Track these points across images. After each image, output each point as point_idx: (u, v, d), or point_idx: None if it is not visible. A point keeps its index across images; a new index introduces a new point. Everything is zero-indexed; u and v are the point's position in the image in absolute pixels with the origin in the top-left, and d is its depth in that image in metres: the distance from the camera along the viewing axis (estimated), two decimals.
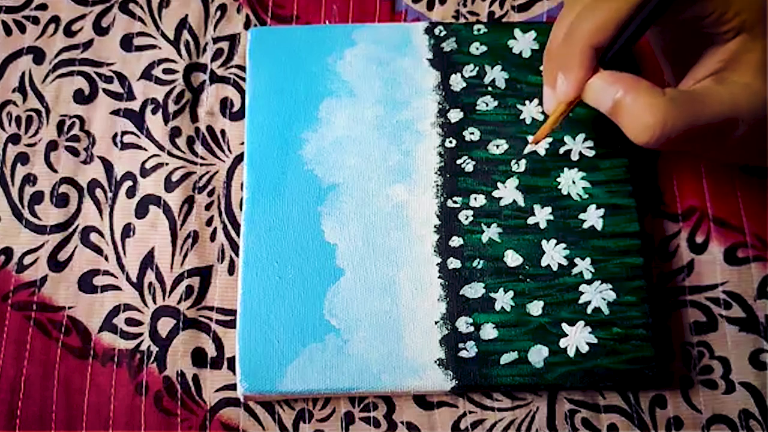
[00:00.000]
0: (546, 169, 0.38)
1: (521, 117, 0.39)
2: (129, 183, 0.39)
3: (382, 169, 0.38)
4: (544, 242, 0.37)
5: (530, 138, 0.38)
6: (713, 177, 0.39)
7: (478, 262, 0.36)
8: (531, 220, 0.37)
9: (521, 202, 0.37)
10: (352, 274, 0.36)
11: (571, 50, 0.33)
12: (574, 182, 0.38)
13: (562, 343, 0.35)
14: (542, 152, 0.38)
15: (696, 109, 0.31)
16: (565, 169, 0.38)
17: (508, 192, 0.38)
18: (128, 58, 0.42)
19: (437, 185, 0.38)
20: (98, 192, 0.39)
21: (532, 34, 0.41)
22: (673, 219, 0.39)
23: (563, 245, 0.36)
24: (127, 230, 0.38)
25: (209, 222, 0.39)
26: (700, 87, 0.33)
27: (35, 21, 0.43)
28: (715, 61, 0.33)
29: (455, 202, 0.38)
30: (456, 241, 0.37)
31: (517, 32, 0.41)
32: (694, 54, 0.34)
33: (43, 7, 0.43)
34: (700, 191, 0.39)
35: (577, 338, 0.35)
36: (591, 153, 0.38)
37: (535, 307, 0.35)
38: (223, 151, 0.40)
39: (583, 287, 0.36)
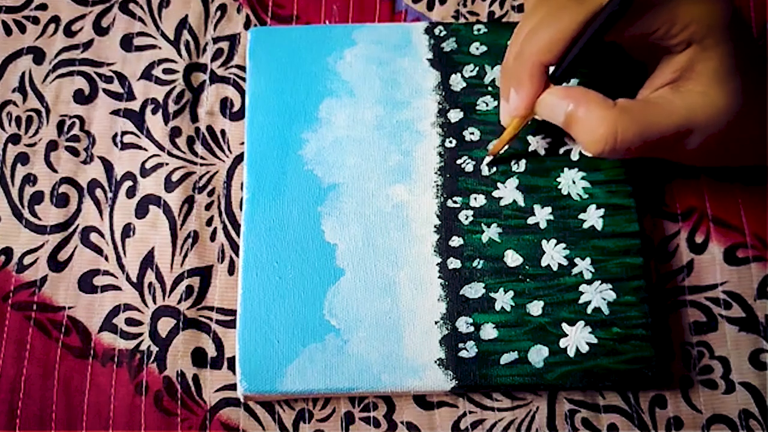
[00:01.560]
0: (546, 169, 0.38)
1: None
2: (129, 183, 0.39)
3: (382, 169, 0.38)
4: (544, 242, 0.37)
5: (531, 139, 0.39)
6: (712, 177, 0.39)
7: (478, 262, 0.36)
8: (531, 220, 0.37)
9: (521, 202, 0.37)
10: (352, 274, 0.36)
11: (521, 67, 0.34)
12: (574, 182, 0.38)
13: (562, 343, 0.35)
14: (542, 152, 0.38)
15: (648, 118, 0.32)
16: (565, 169, 0.38)
17: (508, 192, 0.38)
18: (128, 58, 0.42)
19: (437, 185, 0.38)
20: (98, 192, 0.39)
21: None
22: (673, 219, 0.39)
23: (563, 245, 0.36)
24: (127, 230, 0.38)
25: (209, 222, 0.39)
26: (655, 96, 0.34)
27: (35, 21, 0.42)
28: (671, 70, 0.34)
29: (455, 202, 0.38)
30: (456, 241, 0.37)
31: None
32: (652, 64, 0.35)
33: (43, 7, 0.43)
34: (699, 191, 0.39)
35: (577, 338, 0.35)
36: None
37: (535, 307, 0.35)
38: (223, 151, 0.40)
39: (583, 287, 0.36)
